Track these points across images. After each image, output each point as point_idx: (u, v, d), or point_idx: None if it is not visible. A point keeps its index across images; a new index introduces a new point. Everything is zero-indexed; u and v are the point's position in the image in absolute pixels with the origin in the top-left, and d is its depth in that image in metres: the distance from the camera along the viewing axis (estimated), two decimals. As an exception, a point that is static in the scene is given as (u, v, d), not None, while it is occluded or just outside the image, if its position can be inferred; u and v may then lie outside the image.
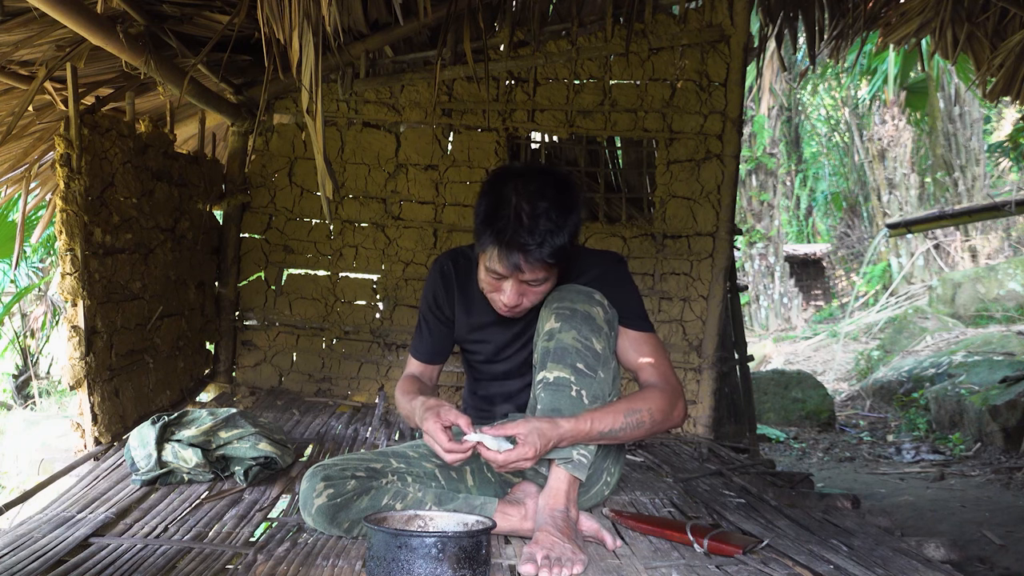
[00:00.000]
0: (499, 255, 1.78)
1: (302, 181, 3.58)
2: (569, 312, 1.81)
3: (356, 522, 1.84)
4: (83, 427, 2.43)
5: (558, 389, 1.77)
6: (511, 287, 1.83)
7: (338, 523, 1.85)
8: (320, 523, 1.85)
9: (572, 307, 1.81)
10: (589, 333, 1.79)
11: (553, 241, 1.77)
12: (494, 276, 1.84)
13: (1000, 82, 3.62)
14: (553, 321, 1.81)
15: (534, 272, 1.80)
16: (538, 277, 1.82)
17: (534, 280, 1.83)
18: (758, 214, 11.87)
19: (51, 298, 7.14)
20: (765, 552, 1.76)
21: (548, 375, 1.78)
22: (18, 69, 2.64)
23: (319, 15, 1.93)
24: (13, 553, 1.57)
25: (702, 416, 3.35)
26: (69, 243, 2.33)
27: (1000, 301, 8.85)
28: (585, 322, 1.80)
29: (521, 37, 3.50)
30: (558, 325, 1.80)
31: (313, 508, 1.85)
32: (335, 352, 3.58)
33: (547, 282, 1.86)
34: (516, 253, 1.76)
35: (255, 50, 3.24)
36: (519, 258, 1.77)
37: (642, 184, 3.68)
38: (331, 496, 1.85)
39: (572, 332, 1.79)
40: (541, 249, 1.76)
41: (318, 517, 1.85)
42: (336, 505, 1.84)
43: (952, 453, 5.03)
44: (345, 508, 1.85)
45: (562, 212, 1.79)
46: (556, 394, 1.77)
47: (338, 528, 1.85)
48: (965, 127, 11.43)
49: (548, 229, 1.76)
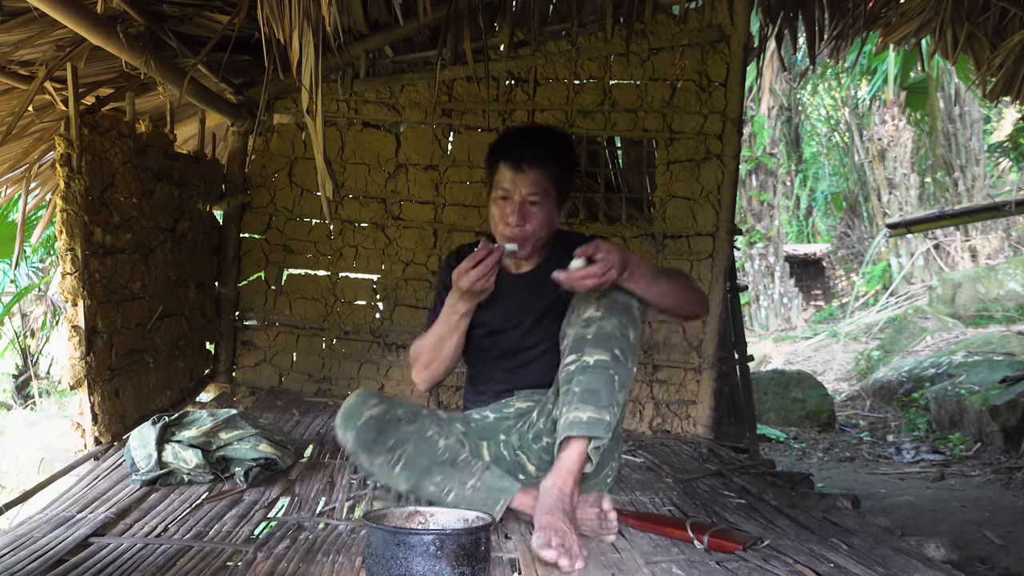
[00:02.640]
0: (504, 167, 2.06)
1: (302, 181, 3.58)
2: (609, 302, 1.90)
3: (402, 442, 1.92)
4: (83, 427, 2.43)
5: (597, 371, 1.84)
6: (516, 207, 2.03)
7: (384, 440, 1.92)
8: (365, 438, 1.92)
9: (613, 297, 1.90)
10: (628, 323, 1.89)
11: (551, 156, 2.07)
12: (502, 194, 2.06)
13: (1000, 82, 3.62)
14: (594, 310, 1.90)
15: (534, 182, 2.03)
16: (537, 191, 2.04)
17: (533, 195, 2.03)
18: (758, 214, 11.87)
19: (51, 298, 7.14)
20: (765, 550, 1.76)
21: (588, 359, 1.85)
22: (18, 69, 2.64)
23: (319, 15, 1.93)
24: (13, 553, 1.57)
25: (702, 416, 3.34)
26: (69, 243, 2.33)
27: (1000, 301, 8.85)
28: (624, 312, 1.90)
29: (521, 37, 3.50)
30: (599, 313, 1.89)
31: (362, 419, 1.94)
32: (335, 352, 3.58)
33: (545, 206, 2.06)
34: (519, 159, 2.04)
35: (255, 50, 3.24)
36: (522, 162, 2.03)
37: (642, 184, 3.68)
38: (383, 411, 1.96)
39: (613, 320, 1.87)
40: (542, 158, 2.04)
41: (365, 430, 1.92)
42: (386, 421, 1.94)
43: (952, 453, 5.03)
44: (394, 426, 1.94)
45: (558, 146, 2.13)
46: (596, 375, 1.83)
47: (382, 445, 1.92)
48: (965, 127, 11.43)
49: (545, 148, 2.09)
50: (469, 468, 1.92)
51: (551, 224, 2.12)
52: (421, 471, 1.92)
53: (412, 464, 1.92)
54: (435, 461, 1.93)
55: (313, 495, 2.14)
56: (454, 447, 1.96)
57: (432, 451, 1.94)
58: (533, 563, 1.66)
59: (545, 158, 2.08)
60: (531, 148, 2.08)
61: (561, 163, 2.12)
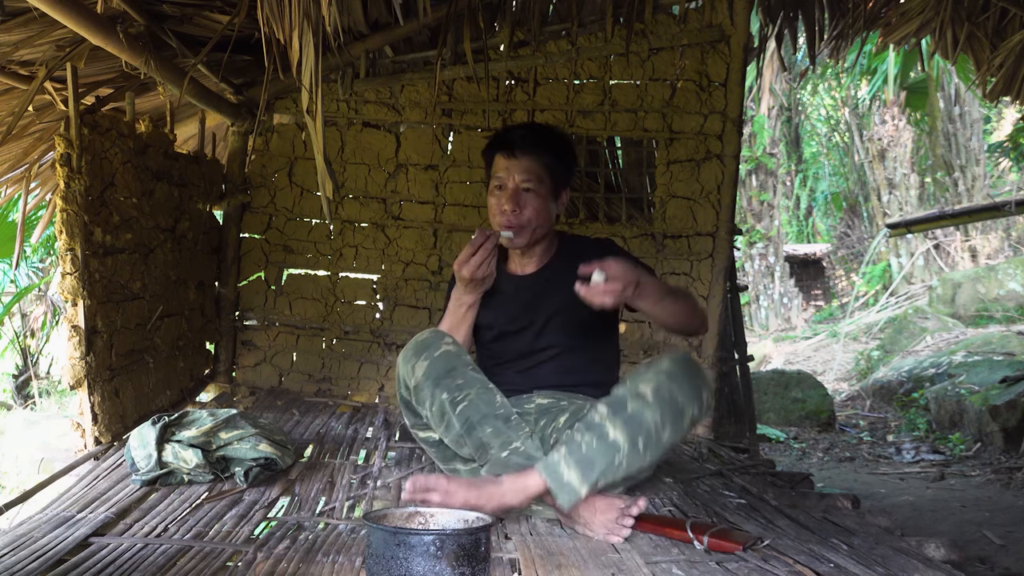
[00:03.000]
0: (499, 156, 2.09)
1: (302, 181, 3.58)
2: (668, 396, 1.83)
3: (468, 386, 1.97)
4: (83, 427, 2.43)
5: (609, 448, 1.78)
6: (510, 194, 2.06)
7: (453, 377, 1.98)
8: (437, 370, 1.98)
9: (674, 395, 1.83)
10: (669, 425, 1.83)
11: (544, 143, 2.10)
12: (497, 183, 2.09)
13: (1000, 82, 3.62)
14: (651, 391, 1.83)
15: (527, 168, 2.06)
16: (530, 177, 2.06)
17: (526, 182, 2.06)
18: (758, 214, 11.87)
19: (51, 298, 7.13)
20: (765, 550, 1.76)
21: (611, 429, 1.80)
22: (18, 69, 2.64)
23: (319, 15, 1.93)
24: (13, 553, 1.57)
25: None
26: (69, 243, 2.33)
27: (1000, 301, 8.85)
28: (674, 415, 1.83)
29: (521, 37, 3.50)
30: (651, 399, 1.82)
31: (439, 352, 2.01)
32: (335, 352, 3.58)
33: (539, 194, 2.08)
34: (512, 146, 2.08)
35: (255, 50, 3.24)
36: (515, 149, 2.07)
37: (642, 184, 3.68)
38: (457, 351, 2.03)
39: (657, 415, 1.82)
40: (535, 145, 2.08)
41: (439, 363, 1.99)
42: (458, 359, 2.01)
43: (952, 453, 5.03)
44: (464, 368, 2.01)
45: (552, 137, 2.17)
46: (604, 450, 1.78)
47: (451, 382, 1.97)
48: (965, 127, 11.43)
49: (538, 137, 2.13)
50: (518, 429, 1.95)
51: (546, 214, 2.13)
52: (479, 417, 1.94)
53: (473, 408, 1.95)
54: (492, 413, 1.96)
55: (313, 495, 2.14)
56: (507, 406, 2.00)
57: (492, 401, 1.98)
58: (533, 563, 1.66)
59: (538, 145, 2.11)
60: (524, 136, 2.13)
61: (555, 152, 2.14)
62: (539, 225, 2.12)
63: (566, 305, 2.10)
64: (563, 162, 2.17)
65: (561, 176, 2.15)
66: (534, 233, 2.13)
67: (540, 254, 2.22)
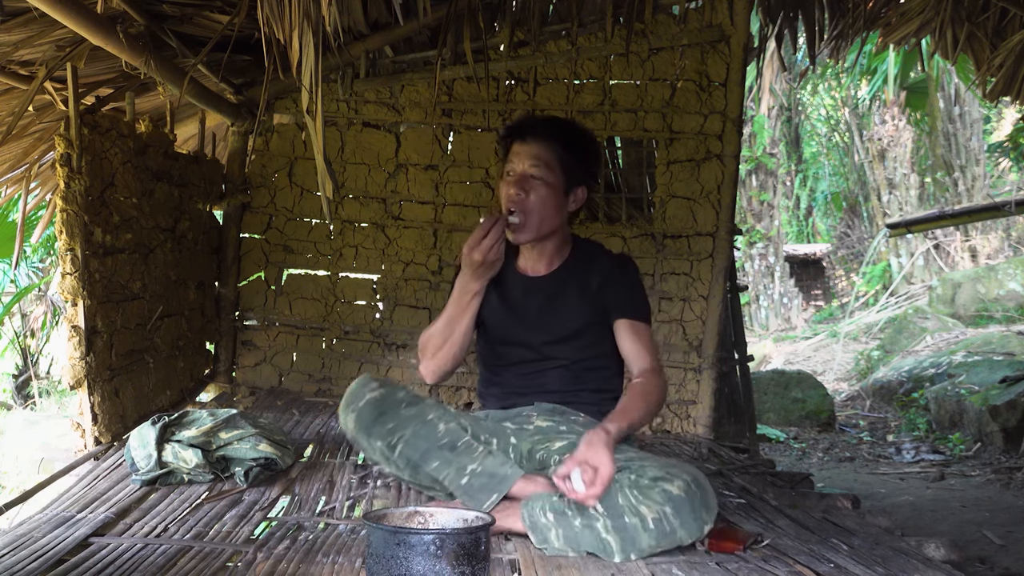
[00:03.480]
0: (514, 143, 2.07)
1: (302, 181, 3.58)
2: (669, 529, 1.70)
3: (401, 426, 1.91)
4: (83, 427, 2.43)
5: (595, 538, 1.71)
6: (518, 178, 2.02)
7: (383, 422, 1.91)
8: (365, 420, 1.92)
9: (674, 530, 1.71)
10: (661, 547, 1.71)
11: (557, 133, 2.06)
12: (508, 170, 2.06)
13: (1000, 82, 3.62)
14: (652, 518, 1.70)
15: (536, 155, 2.02)
16: (539, 163, 2.02)
17: (534, 166, 2.01)
18: (758, 214, 11.86)
19: (51, 298, 7.13)
20: (765, 550, 1.76)
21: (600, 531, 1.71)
22: (18, 69, 2.64)
23: (319, 15, 1.93)
24: (13, 553, 1.57)
25: (702, 416, 3.34)
26: (69, 243, 2.33)
27: (1000, 301, 8.84)
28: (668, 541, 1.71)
29: (521, 37, 3.50)
30: (651, 526, 1.69)
31: (363, 401, 1.93)
32: (335, 352, 3.58)
33: (548, 183, 2.02)
34: (524, 131, 2.06)
35: (255, 50, 3.24)
36: (527, 134, 2.05)
37: (642, 184, 3.68)
38: (384, 395, 1.95)
39: (653, 539, 1.70)
40: (547, 133, 2.04)
41: (365, 412, 1.92)
42: (387, 403, 1.94)
43: (952, 453, 5.03)
44: (394, 409, 1.93)
45: (570, 129, 2.13)
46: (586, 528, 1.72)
47: (381, 428, 1.91)
48: (965, 127, 11.43)
49: (554, 127, 2.10)
50: (470, 453, 1.90)
51: (554, 207, 2.05)
52: (420, 455, 1.91)
53: (411, 447, 1.91)
54: (434, 445, 1.91)
55: (313, 495, 2.14)
56: (454, 431, 1.94)
57: (431, 435, 1.92)
58: (533, 564, 1.66)
59: (551, 134, 2.06)
60: (539, 123, 2.12)
61: (570, 144, 2.08)
62: (545, 217, 2.04)
63: (575, 313, 2.09)
64: (577, 156, 2.08)
65: (575, 170, 2.07)
66: (540, 226, 2.05)
67: (552, 254, 2.15)
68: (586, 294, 2.10)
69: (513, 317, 2.14)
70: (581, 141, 2.13)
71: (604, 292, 2.09)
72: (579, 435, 1.96)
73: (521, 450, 2.05)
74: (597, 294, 2.10)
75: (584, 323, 2.10)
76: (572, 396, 2.14)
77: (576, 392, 2.14)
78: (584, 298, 2.10)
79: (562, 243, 2.16)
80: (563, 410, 2.12)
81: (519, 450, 2.06)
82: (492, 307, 2.15)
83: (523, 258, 2.18)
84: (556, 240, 2.14)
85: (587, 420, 2.07)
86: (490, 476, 1.86)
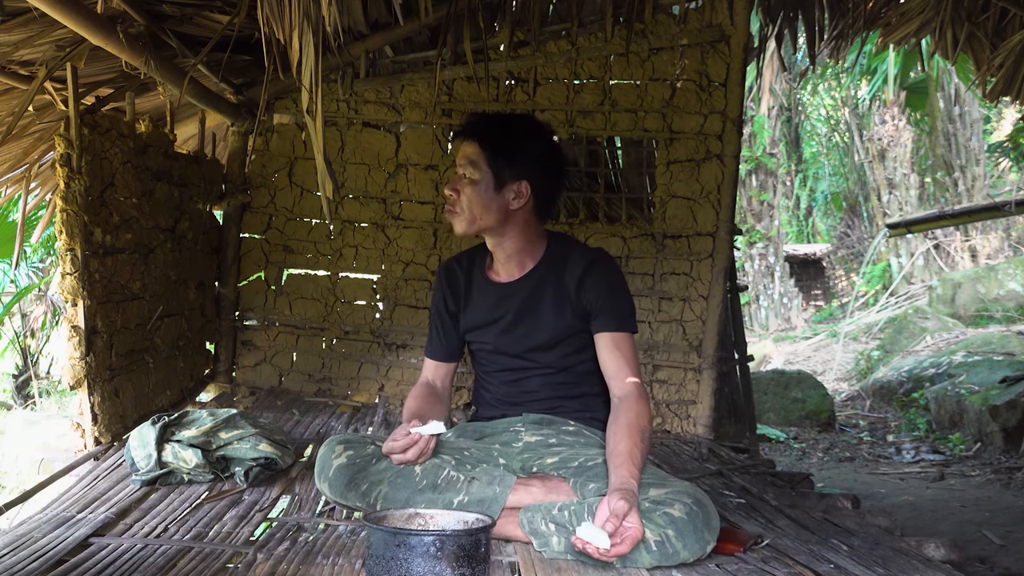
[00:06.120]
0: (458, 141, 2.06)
1: (302, 181, 3.58)
2: (672, 551, 1.68)
3: (375, 484, 1.88)
4: (83, 427, 2.43)
5: None
6: (452, 180, 2.02)
7: (356, 485, 1.88)
8: (337, 486, 1.89)
9: (676, 551, 1.68)
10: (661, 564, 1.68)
11: (490, 131, 2.02)
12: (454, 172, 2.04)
13: (1000, 82, 3.62)
14: (654, 540, 1.67)
15: (465, 154, 1.99)
16: (466, 162, 1.99)
17: (461, 167, 2.00)
18: (758, 214, 11.87)
19: (51, 298, 7.14)
20: (765, 551, 1.76)
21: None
22: (18, 69, 2.64)
23: (319, 15, 1.93)
24: (13, 553, 1.57)
25: (702, 416, 3.34)
26: (69, 243, 2.33)
27: (1000, 301, 8.85)
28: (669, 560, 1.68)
29: (521, 37, 3.50)
30: (653, 547, 1.67)
31: (331, 470, 1.90)
32: (335, 352, 3.58)
33: (474, 183, 1.99)
34: (460, 131, 2.08)
35: (255, 50, 3.24)
36: (461, 133, 2.05)
37: (642, 184, 3.68)
38: (350, 457, 1.91)
39: (655, 560, 1.67)
40: (478, 132, 2.01)
41: (336, 479, 1.89)
42: (356, 465, 1.90)
43: (952, 453, 5.03)
44: (364, 469, 1.89)
45: (504, 125, 2.09)
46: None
47: (355, 492, 1.88)
48: (965, 127, 11.43)
49: (486, 123, 2.07)
50: (453, 486, 1.86)
51: (483, 204, 1.99)
52: (402, 504, 1.84)
53: (390, 500, 1.85)
54: (414, 491, 1.86)
55: (313, 495, 2.14)
56: (431, 470, 1.88)
57: (408, 482, 1.87)
58: (533, 567, 1.66)
59: (476, 132, 2.02)
60: (471, 122, 2.09)
61: (496, 140, 2.00)
62: (477, 214, 2.00)
63: (553, 319, 2.04)
64: (502, 151, 2.00)
65: (505, 166, 1.99)
66: (473, 222, 2.01)
67: (521, 257, 2.08)
68: (563, 298, 2.04)
69: (492, 327, 2.10)
70: (513, 135, 2.04)
71: (581, 296, 2.02)
72: (571, 446, 1.97)
73: (513, 468, 2.00)
74: (575, 296, 2.03)
75: (564, 329, 2.04)
76: (559, 403, 2.09)
77: (563, 400, 2.10)
78: (561, 303, 2.04)
79: (529, 243, 2.08)
80: (551, 419, 2.07)
81: (510, 469, 2.02)
82: (470, 318, 2.13)
83: (495, 264, 2.13)
84: (519, 240, 2.07)
85: (577, 428, 2.05)
86: (479, 503, 1.82)
